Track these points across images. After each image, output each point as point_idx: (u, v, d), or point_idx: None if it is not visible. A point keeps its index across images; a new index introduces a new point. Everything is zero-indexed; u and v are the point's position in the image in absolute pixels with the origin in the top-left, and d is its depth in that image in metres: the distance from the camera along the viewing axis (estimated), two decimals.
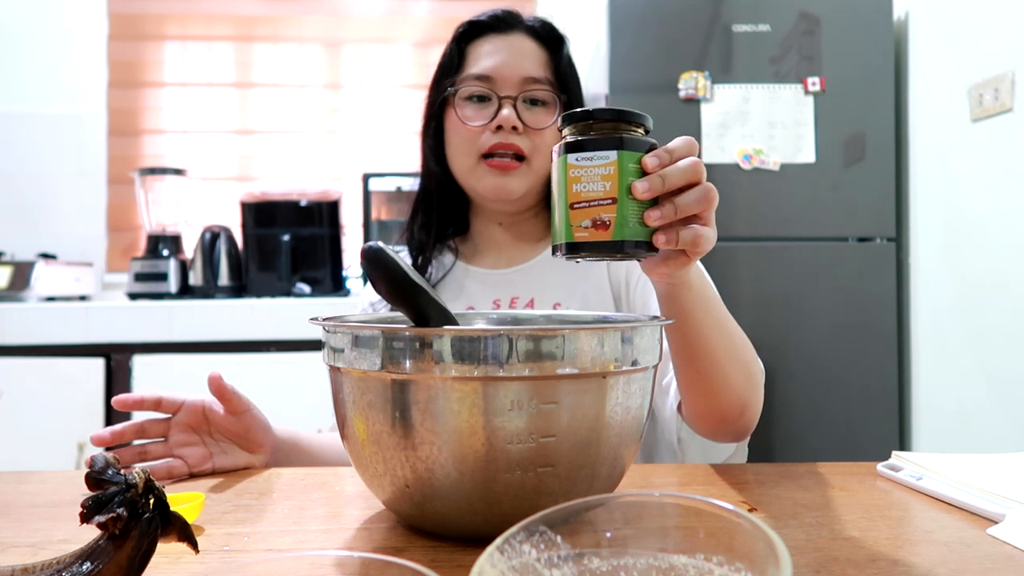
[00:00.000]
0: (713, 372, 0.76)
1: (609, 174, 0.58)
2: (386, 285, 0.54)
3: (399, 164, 2.68)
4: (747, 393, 0.79)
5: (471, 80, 1.02)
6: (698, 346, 0.74)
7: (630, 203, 0.58)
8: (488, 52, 1.03)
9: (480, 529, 0.52)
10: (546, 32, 1.06)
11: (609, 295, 1.03)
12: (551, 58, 1.05)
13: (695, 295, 0.71)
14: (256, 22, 2.74)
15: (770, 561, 0.33)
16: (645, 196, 0.58)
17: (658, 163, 0.59)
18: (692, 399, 0.81)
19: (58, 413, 1.92)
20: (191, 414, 0.79)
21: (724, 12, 2.16)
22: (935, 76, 2.13)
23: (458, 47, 1.06)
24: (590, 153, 0.59)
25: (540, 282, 1.05)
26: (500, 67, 1.01)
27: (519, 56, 1.02)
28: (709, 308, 0.73)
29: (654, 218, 0.59)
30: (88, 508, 0.41)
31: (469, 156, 1.02)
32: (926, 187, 2.16)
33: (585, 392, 0.52)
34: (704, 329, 0.73)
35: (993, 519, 0.60)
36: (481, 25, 1.05)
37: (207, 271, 2.29)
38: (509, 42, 1.03)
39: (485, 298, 1.06)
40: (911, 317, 2.20)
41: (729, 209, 2.13)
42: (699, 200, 0.60)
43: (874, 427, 2.14)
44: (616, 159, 0.58)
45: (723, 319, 0.76)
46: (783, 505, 0.65)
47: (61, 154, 2.60)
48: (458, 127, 1.03)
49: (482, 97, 1.02)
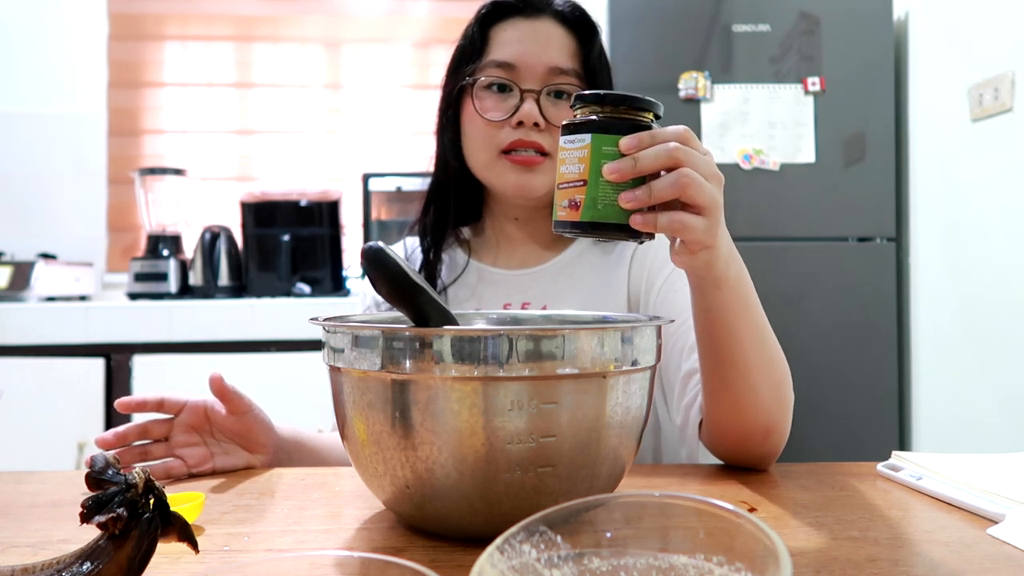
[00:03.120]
0: (739, 382, 0.73)
1: (584, 156, 0.60)
2: (386, 285, 0.54)
3: (399, 164, 2.68)
4: (775, 415, 0.74)
5: (492, 67, 0.95)
6: (725, 351, 0.72)
7: (603, 185, 0.59)
8: (512, 38, 0.95)
9: (480, 529, 0.52)
10: (577, 19, 0.97)
11: (625, 305, 0.98)
12: (580, 48, 0.97)
13: (727, 295, 0.68)
14: (256, 22, 2.74)
15: (770, 561, 0.33)
16: (613, 178, 0.59)
17: (635, 145, 0.59)
18: (715, 410, 0.77)
19: (58, 413, 1.92)
20: (193, 414, 0.79)
21: (724, 12, 2.16)
22: (935, 76, 2.13)
23: (480, 30, 0.98)
24: (572, 136, 0.61)
25: (554, 287, 1.01)
26: (524, 55, 0.94)
27: (546, 43, 0.95)
28: (744, 313, 0.70)
29: (625, 200, 0.59)
30: (88, 508, 0.41)
31: (487, 151, 0.96)
32: (926, 187, 2.16)
33: (585, 392, 0.52)
34: (734, 333, 0.70)
35: (993, 519, 0.60)
36: (506, 7, 0.97)
37: (207, 271, 2.29)
38: (535, 27, 0.95)
39: (496, 301, 1.01)
40: (911, 317, 2.20)
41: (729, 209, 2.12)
42: (672, 184, 0.59)
43: (874, 427, 2.14)
44: (590, 142, 0.60)
45: (759, 329, 0.72)
46: (783, 505, 0.65)
47: (61, 154, 2.60)
48: (476, 119, 0.95)
49: (503, 86, 0.95)
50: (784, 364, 0.76)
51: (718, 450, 0.81)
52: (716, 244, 0.63)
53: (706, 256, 0.64)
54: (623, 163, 0.58)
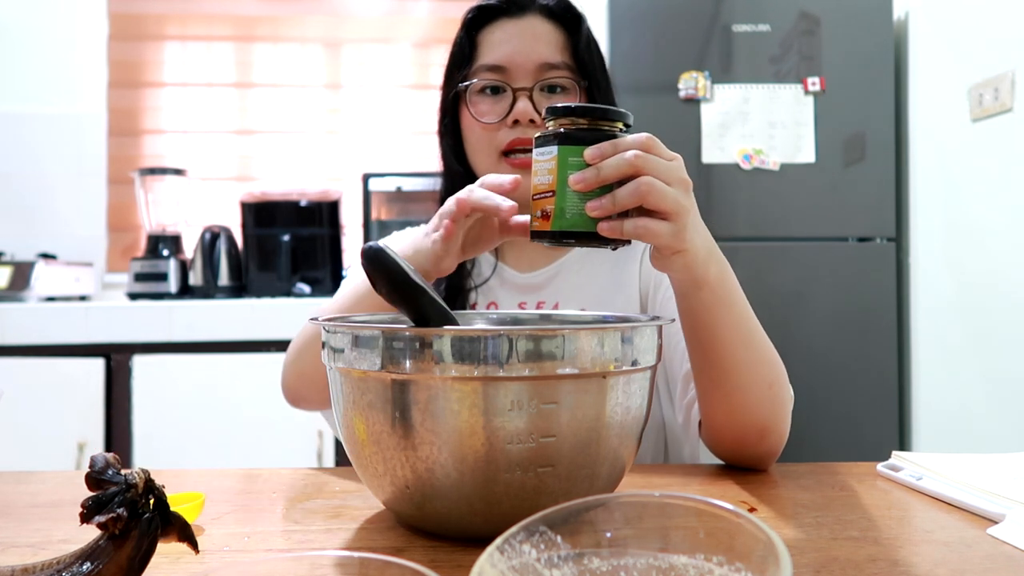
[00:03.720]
0: (727, 382, 0.73)
1: (552, 168, 0.62)
2: (386, 285, 0.54)
3: (399, 164, 2.68)
4: (769, 416, 0.75)
5: (483, 72, 0.95)
6: (711, 351, 0.72)
7: (571, 195, 0.61)
8: (500, 40, 0.96)
9: (480, 529, 0.52)
10: (562, 11, 0.97)
11: (637, 302, 0.99)
12: (569, 40, 0.97)
13: (709, 295, 0.69)
14: (256, 22, 2.74)
15: (770, 561, 0.33)
16: (578, 188, 0.61)
17: (598, 155, 0.60)
18: (708, 411, 0.78)
19: (58, 413, 1.92)
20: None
21: (724, 12, 2.16)
22: (935, 76, 2.13)
23: (468, 35, 0.98)
24: (542, 148, 0.63)
25: (567, 286, 1.01)
26: (513, 55, 0.94)
27: (533, 41, 0.95)
28: (728, 313, 0.71)
29: (591, 208, 0.61)
30: (88, 508, 0.41)
31: (488, 155, 0.96)
32: (926, 187, 2.16)
33: (585, 392, 0.52)
34: (720, 333, 0.71)
35: (993, 519, 0.60)
36: (491, 9, 0.97)
37: (207, 271, 2.29)
38: (522, 26, 0.96)
39: (511, 302, 1.02)
40: (911, 317, 2.20)
41: (729, 209, 2.13)
42: (632, 193, 0.60)
43: (874, 427, 2.14)
44: (557, 153, 0.62)
45: (745, 329, 0.73)
46: (783, 505, 0.65)
47: (61, 154, 2.59)
48: (473, 124, 0.96)
49: (496, 89, 0.95)
50: (778, 365, 0.76)
51: (716, 450, 0.81)
52: (687, 248, 0.64)
53: (681, 259, 0.65)
54: (587, 173, 0.60)
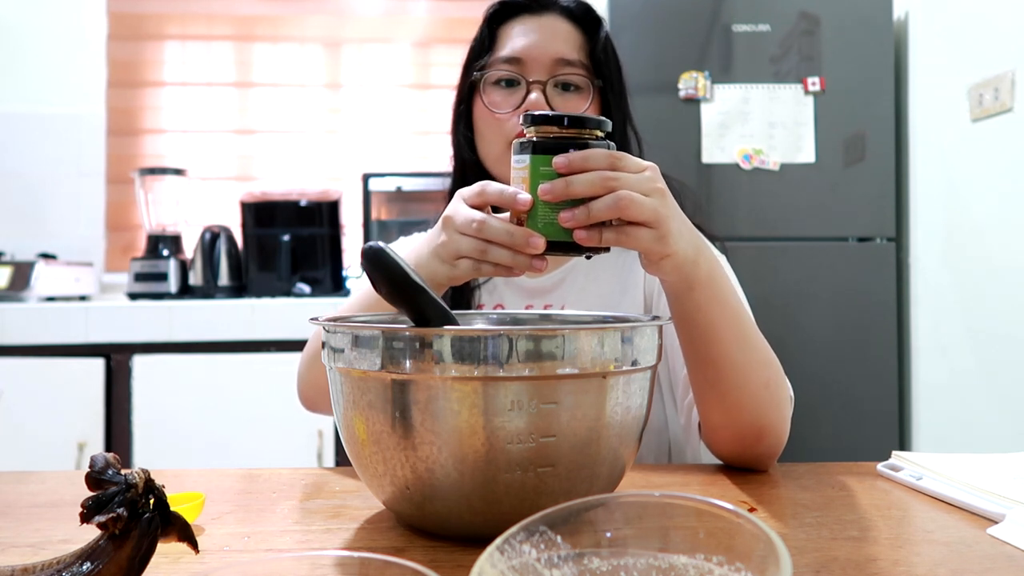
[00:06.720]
0: (723, 383, 0.73)
1: (525, 176, 0.62)
2: (386, 285, 0.54)
3: (399, 164, 2.68)
4: (766, 416, 0.75)
5: (499, 63, 0.97)
6: (705, 352, 0.72)
7: (542, 204, 0.61)
8: (519, 33, 0.98)
9: (480, 529, 0.52)
10: (582, 12, 0.99)
11: (641, 304, 0.99)
12: (587, 41, 0.99)
13: (701, 296, 0.69)
14: (256, 22, 2.73)
15: (770, 561, 0.33)
16: (547, 198, 0.61)
17: (564, 164, 0.61)
18: (705, 411, 0.78)
19: (58, 413, 1.92)
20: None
21: (724, 12, 2.16)
22: (935, 76, 2.13)
23: (489, 29, 1.00)
24: (518, 156, 0.63)
25: (573, 288, 1.01)
26: (530, 48, 0.96)
27: (551, 37, 0.96)
28: (721, 312, 0.71)
29: (564, 219, 0.61)
30: (88, 508, 0.41)
31: (498, 144, 0.97)
32: (926, 187, 2.16)
33: (585, 392, 0.52)
34: (713, 333, 0.71)
35: (993, 519, 0.60)
36: (513, 6, 0.99)
37: (207, 271, 2.29)
38: (541, 23, 0.98)
39: (518, 304, 1.02)
40: (911, 317, 2.20)
41: (729, 209, 2.13)
42: (610, 207, 0.60)
43: (874, 427, 2.14)
44: (529, 163, 0.62)
45: (739, 329, 0.73)
46: (783, 505, 0.65)
47: (61, 154, 2.59)
48: (486, 114, 0.98)
49: (511, 81, 0.97)
50: (775, 365, 0.76)
51: (716, 451, 0.81)
52: (673, 251, 0.64)
53: (669, 263, 0.65)
54: (556, 184, 0.61)
